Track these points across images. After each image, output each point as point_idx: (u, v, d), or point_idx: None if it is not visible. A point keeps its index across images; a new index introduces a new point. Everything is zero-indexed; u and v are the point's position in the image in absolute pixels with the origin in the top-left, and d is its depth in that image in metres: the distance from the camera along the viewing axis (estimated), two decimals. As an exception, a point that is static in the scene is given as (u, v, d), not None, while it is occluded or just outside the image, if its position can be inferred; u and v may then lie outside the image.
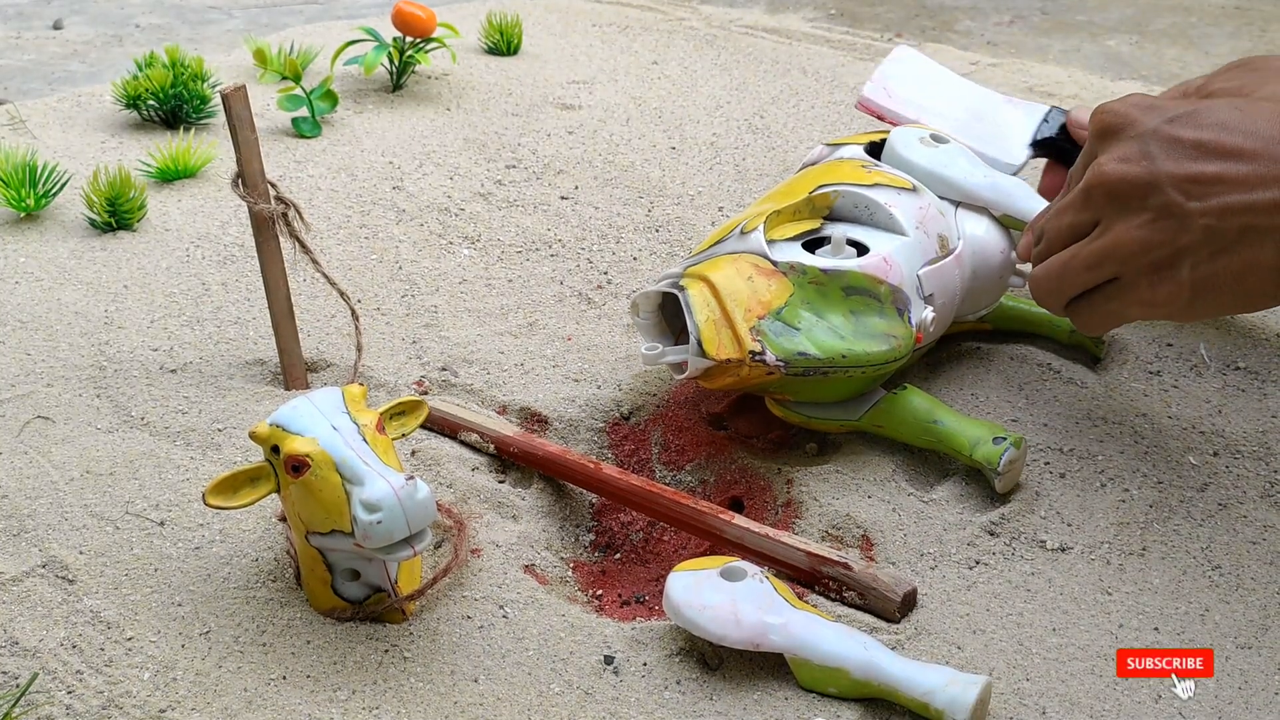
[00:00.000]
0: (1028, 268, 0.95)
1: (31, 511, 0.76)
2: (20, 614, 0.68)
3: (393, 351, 0.93)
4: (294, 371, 0.88)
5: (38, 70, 1.67)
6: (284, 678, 0.65)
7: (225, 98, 0.79)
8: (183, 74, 1.31)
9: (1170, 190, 0.65)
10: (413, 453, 0.82)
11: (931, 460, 0.80)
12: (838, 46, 1.65)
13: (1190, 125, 0.67)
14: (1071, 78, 1.55)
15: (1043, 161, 0.92)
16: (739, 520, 0.73)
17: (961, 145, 0.88)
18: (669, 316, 0.82)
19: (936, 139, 0.88)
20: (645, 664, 0.66)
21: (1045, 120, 0.90)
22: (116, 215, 1.09)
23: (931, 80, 0.95)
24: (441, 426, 0.84)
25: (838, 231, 0.81)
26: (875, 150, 0.92)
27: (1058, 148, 0.90)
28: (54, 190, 1.14)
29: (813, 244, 0.82)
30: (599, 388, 0.89)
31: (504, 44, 1.54)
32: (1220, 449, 0.79)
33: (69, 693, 0.64)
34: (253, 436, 0.66)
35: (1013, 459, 0.75)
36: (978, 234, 0.86)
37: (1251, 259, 0.65)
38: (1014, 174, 0.89)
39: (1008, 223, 0.86)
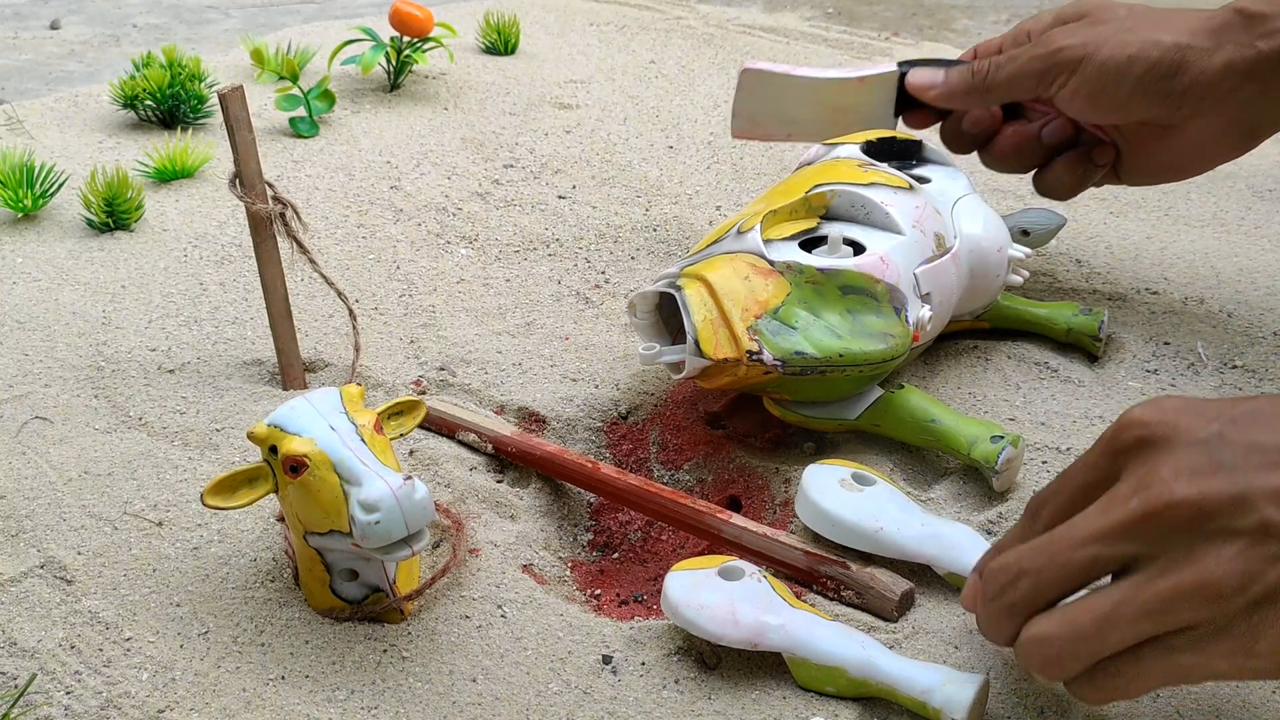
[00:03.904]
0: (1025, 270, 0.95)
1: (29, 512, 0.76)
2: (18, 615, 0.68)
3: (390, 351, 0.93)
4: (292, 371, 0.88)
5: (35, 70, 1.67)
6: (282, 678, 0.65)
7: (222, 98, 0.79)
8: (180, 74, 1.31)
9: (1265, 506, 0.51)
10: (410, 452, 0.82)
11: (929, 459, 0.80)
12: (835, 45, 1.65)
13: (1258, 427, 0.53)
14: (1069, 76, 1.55)
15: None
16: (737, 519, 0.74)
17: (889, 486, 0.73)
18: (666, 316, 0.82)
19: (860, 480, 0.73)
20: (643, 663, 0.66)
21: (900, 87, 0.90)
22: (114, 215, 1.09)
23: (781, 90, 0.92)
24: (439, 426, 0.84)
25: (834, 231, 0.81)
26: (872, 149, 0.92)
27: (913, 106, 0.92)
28: (51, 190, 1.14)
29: (810, 243, 0.82)
30: (597, 387, 0.89)
31: (501, 43, 1.55)
32: (1217, 447, 0.79)
33: (67, 693, 0.64)
34: (250, 437, 0.66)
35: (1010, 458, 0.75)
36: (974, 233, 0.86)
37: None
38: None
39: (951, 580, 0.70)
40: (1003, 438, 0.75)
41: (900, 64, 0.91)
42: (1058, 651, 0.54)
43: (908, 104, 0.90)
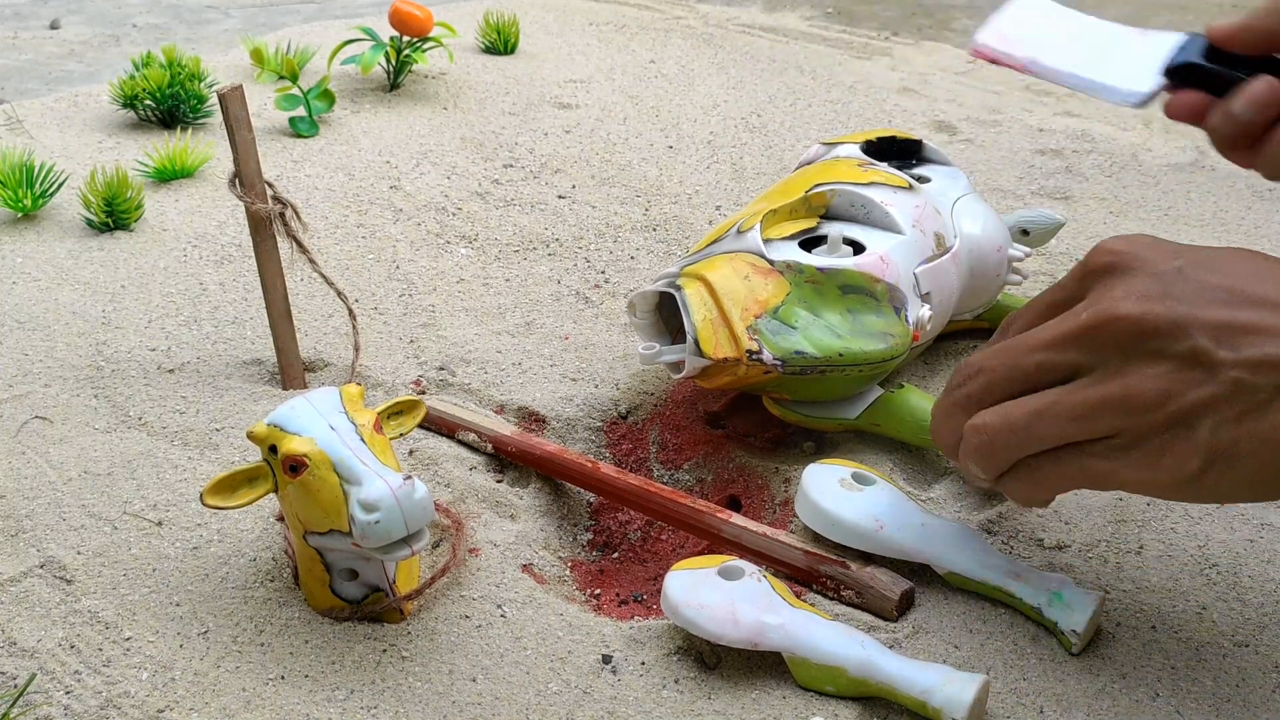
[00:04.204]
0: (1024, 269, 0.95)
1: (29, 512, 0.76)
2: (18, 614, 0.68)
3: (390, 351, 0.93)
4: (291, 371, 0.88)
5: (35, 70, 1.66)
6: (282, 677, 0.65)
7: (222, 98, 0.79)
8: (180, 74, 1.31)
9: (1199, 335, 0.55)
10: (410, 452, 0.82)
11: (929, 459, 0.80)
12: (835, 45, 1.65)
13: (1217, 271, 0.58)
14: (1068, 76, 1.55)
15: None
16: (736, 519, 0.73)
17: (889, 486, 0.73)
18: (666, 316, 0.82)
19: (860, 479, 0.73)
20: (643, 663, 0.66)
21: (1181, 47, 0.76)
22: (114, 215, 1.09)
23: (1053, 21, 0.83)
24: (439, 426, 0.84)
25: (834, 230, 0.81)
26: (872, 149, 0.92)
27: (1196, 72, 0.74)
28: (51, 190, 1.14)
29: (809, 243, 0.82)
30: (596, 387, 0.89)
31: (501, 43, 1.55)
32: (1217, 447, 0.79)
33: (67, 693, 0.64)
34: (250, 436, 0.66)
35: (1010, 457, 0.75)
36: (974, 233, 0.86)
37: None
38: (1139, 104, 0.79)
39: (951, 580, 0.70)
40: (1003, 437, 0.75)
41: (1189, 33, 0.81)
42: (991, 440, 0.59)
43: (1181, 77, 0.79)
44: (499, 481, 0.82)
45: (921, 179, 0.88)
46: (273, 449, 0.65)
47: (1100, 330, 0.57)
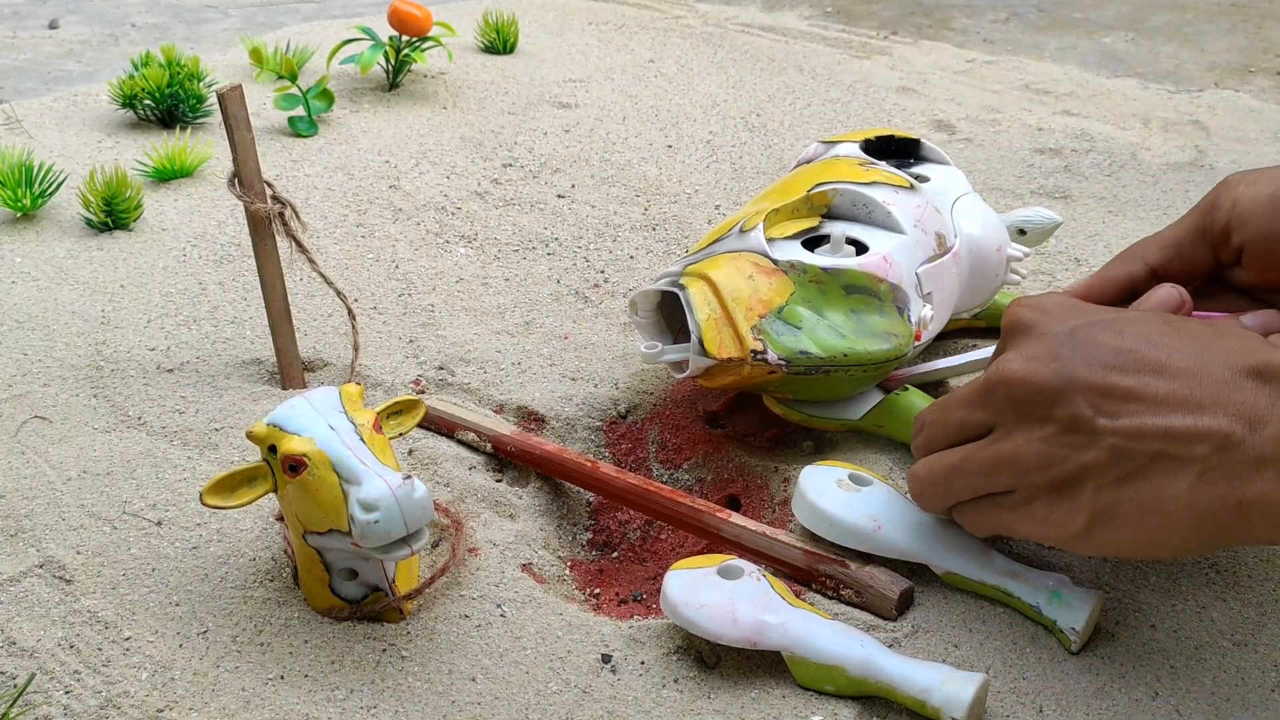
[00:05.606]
0: (1023, 268, 0.95)
1: (29, 511, 0.76)
2: (18, 614, 0.68)
3: (389, 350, 0.93)
4: (291, 371, 0.88)
5: (34, 70, 1.66)
6: (282, 677, 0.65)
7: (221, 97, 0.79)
8: (179, 73, 1.31)
9: (1079, 401, 0.58)
10: (410, 452, 0.82)
11: (928, 458, 0.80)
12: (834, 44, 1.65)
13: (1112, 331, 0.59)
14: (1068, 75, 1.55)
15: None
16: (736, 519, 0.73)
17: (886, 486, 0.72)
18: (667, 315, 0.82)
19: (857, 480, 0.72)
20: (643, 662, 0.66)
21: None
22: (113, 215, 1.09)
23: None
24: (438, 425, 0.84)
25: (837, 230, 0.81)
26: (870, 148, 0.92)
27: None
28: (50, 190, 1.14)
29: (811, 242, 0.82)
30: (596, 386, 0.89)
31: (500, 42, 1.55)
32: (1216, 446, 0.79)
33: (67, 693, 0.64)
34: (250, 436, 0.66)
35: (1009, 457, 0.75)
36: (974, 232, 0.86)
37: (1161, 490, 0.57)
38: None
39: (949, 579, 0.70)
40: (1002, 437, 0.75)
41: None
42: (921, 489, 0.66)
43: None
44: (498, 481, 0.82)
45: (920, 178, 0.88)
46: (272, 449, 0.65)
47: (994, 391, 0.61)
